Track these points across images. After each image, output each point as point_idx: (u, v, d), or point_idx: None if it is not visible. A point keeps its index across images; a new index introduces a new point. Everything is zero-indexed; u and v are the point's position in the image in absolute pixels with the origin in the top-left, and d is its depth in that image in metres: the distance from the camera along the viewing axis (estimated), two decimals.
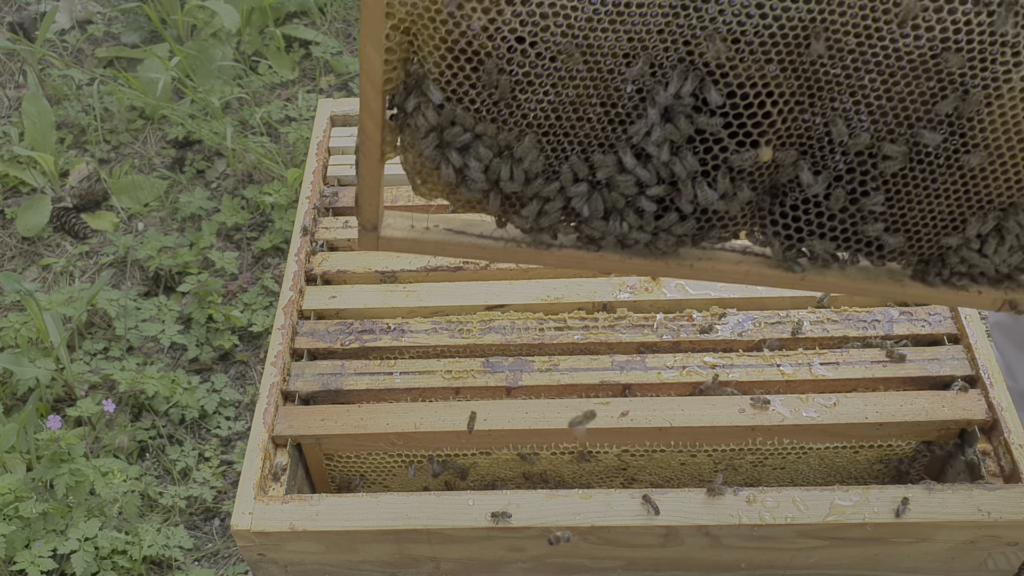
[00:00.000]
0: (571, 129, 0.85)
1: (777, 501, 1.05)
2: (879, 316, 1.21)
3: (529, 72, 0.82)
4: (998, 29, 0.78)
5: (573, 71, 0.81)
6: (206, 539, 1.94)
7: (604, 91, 0.83)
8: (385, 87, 0.82)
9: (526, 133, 0.86)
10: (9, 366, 2.02)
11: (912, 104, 0.84)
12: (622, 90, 0.83)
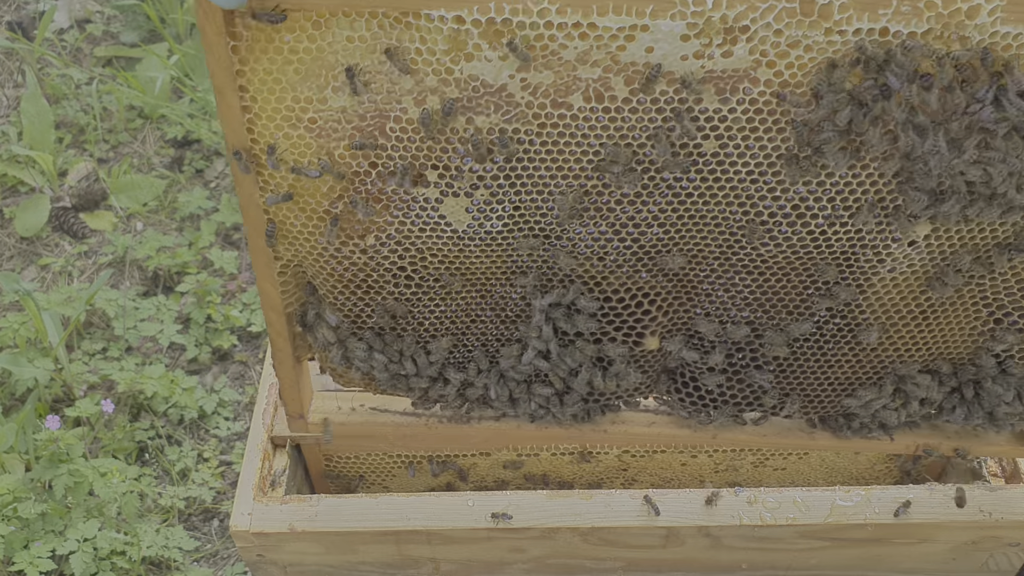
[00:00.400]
0: (467, 330, 0.91)
1: (778, 502, 1.04)
2: None
3: (417, 292, 0.88)
4: (855, 225, 0.81)
5: (457, 289, 0.87)
6: (205, 540, 1.94)
7: (492, 300, 0.88)
8: (287, 310, 0.88)
9: (424, 339, 0.93)
10: (8, 366, 2.02)
11: (788, 298, 0.88)
12: (508, 297, 0.89)
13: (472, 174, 0.79)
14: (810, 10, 0.68)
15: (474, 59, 0.72)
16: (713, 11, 0.67)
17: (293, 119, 0.76)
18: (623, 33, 0.69)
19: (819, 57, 0.70)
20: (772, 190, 0.79)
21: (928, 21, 0.68)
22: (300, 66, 0.73)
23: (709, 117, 0.74)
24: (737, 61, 0.71)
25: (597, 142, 0.75)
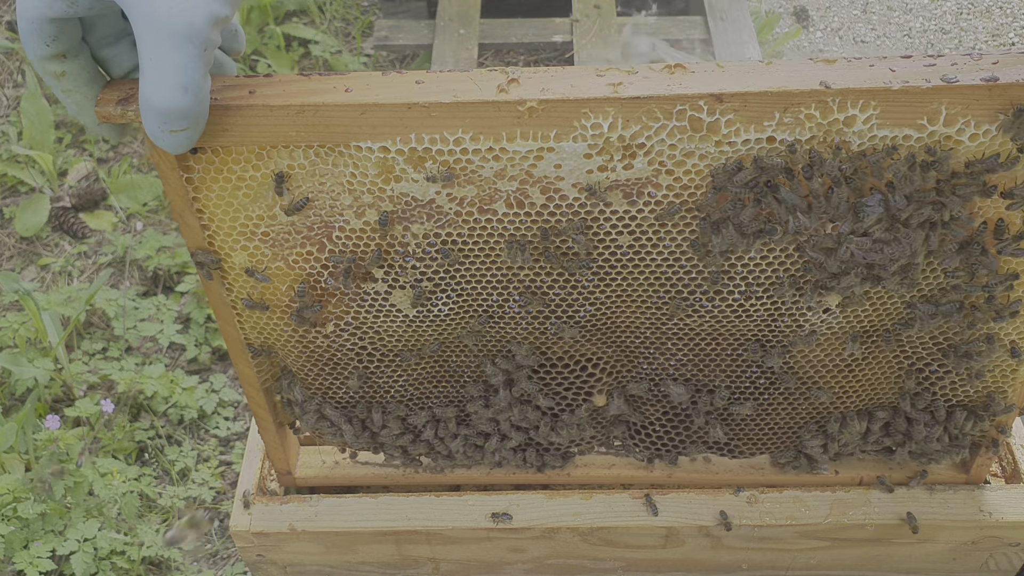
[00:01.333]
0: (428, 394, 1.00)
1: (778, 502, 1.04)
2: None
3: (379, 366, 0.96)
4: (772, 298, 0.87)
5: (415, 363, 0.96)
6: (205, 540, 1.94)
7: (448, 368, 0.97)
8: (264, 386, 0.97)
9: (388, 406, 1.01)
10: (8, 366, 2.02)
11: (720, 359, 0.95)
12: (464, 365, 0.97)
13: (414, 269, 0.87)
14: (699, 126, 0.74)
15: (403, 180, 0.79)
16: (610, 133, 0.75)
17: (248, 233, 0.84)
18: (532, 154, 0.77)
19: (713, 163, 0.77)
20: (688, 272, 0.85)
21: (809, 130, 0.74)
22: (248, 190, 0.81)
23: (620, 217, 0.81)
24: (638, 172, 0.78)
25: (524, 239, 0.83)
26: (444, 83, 0.74)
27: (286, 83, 0.75)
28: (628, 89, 0.74)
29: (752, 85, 0.73)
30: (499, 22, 2.84)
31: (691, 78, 0.74)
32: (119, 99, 0.72)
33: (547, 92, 0.74)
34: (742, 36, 2.68)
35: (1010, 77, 0.72)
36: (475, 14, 2.78)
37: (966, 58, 0.74)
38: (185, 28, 0.62)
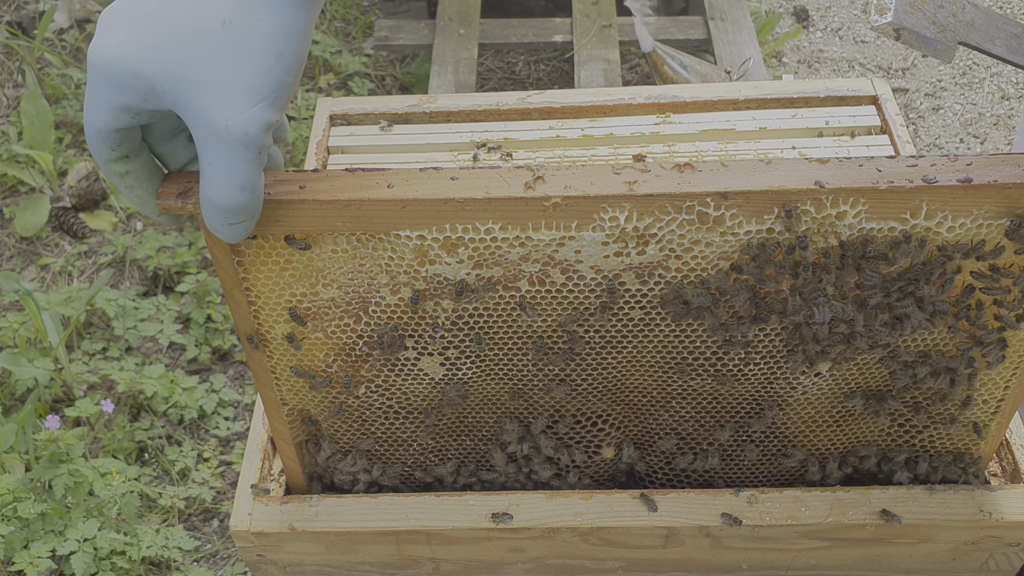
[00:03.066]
0: (450, 446, 1.08)
1: (778, 502, 1.04)
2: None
3: (404, 423, 1.04)
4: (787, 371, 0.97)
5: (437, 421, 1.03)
6: (205, 540, 1.94)
7: (468, 424, 1.04)
8: (295, 440, 1.04)
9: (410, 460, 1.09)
10: (8, 366, 2.02)
11: (720, 415, 1.04)
12: (483, 422, 1.05)
13: (442, 340, 0.94)
14: (706, 219, 0.83)
15: (436, 263, 0.87)
16: (626, 224, 0.83)
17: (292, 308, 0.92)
18: (555, 242, 0.85)
19: (718, 250, 0.86)
20: (692, 341, 0.95)
21: (805, 223, 0.83)
22: (294, 271, 0.88)
23: (633, 294, 0.90)
24: (651, 257, 0.87)
25: (546, 311, 0.92)
26: (476, 179, 0.82)
27: (333, 178, 0.81)
28: (642, 187, 0.81)
29: (754, 184, 0.81)
30: (499, 22, 2.84)
31: (698, 176, 0.81)
32: (179, 192, 0.78)
33: (570, 189, 0.81)
34: (742, 36, 2.69)
35: (982, 179, 0.80)
36: (475, 14, 2.78)
37: (944, 159, 0.82)
38: (242, 137, 0.69)
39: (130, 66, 0.68)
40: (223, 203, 0.72)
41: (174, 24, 0.67)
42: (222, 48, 0.67)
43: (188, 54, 0.67)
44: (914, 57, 3.14)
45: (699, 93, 1.40)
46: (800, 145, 1.32)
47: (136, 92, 0.69)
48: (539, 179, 0.81)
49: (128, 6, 0.69)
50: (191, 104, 0.68)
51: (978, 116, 2.92)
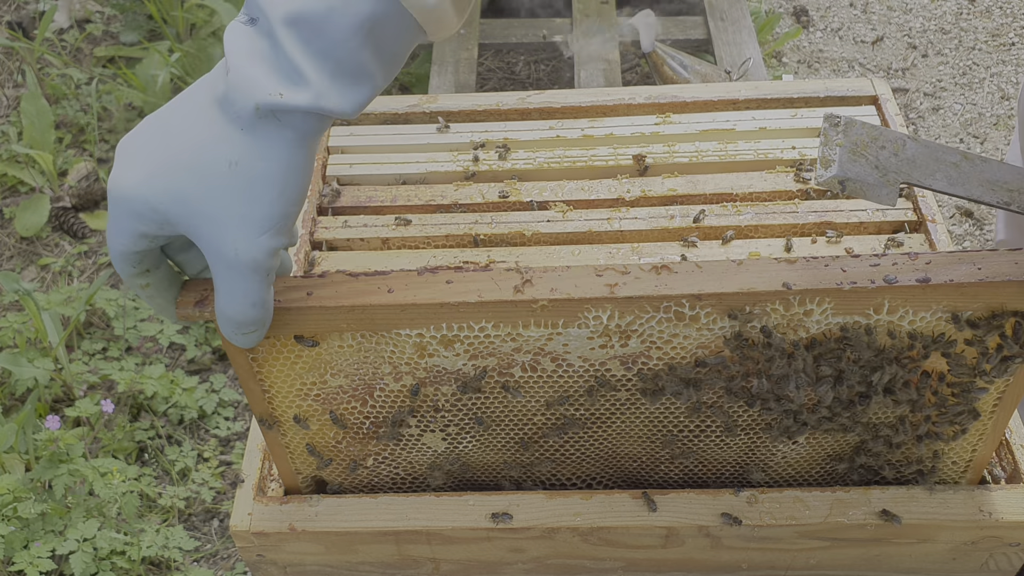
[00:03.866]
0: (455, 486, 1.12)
1: (778, 502, 1.04)
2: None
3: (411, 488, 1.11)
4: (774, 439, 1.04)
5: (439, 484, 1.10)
6: (205, 540, 1.94)
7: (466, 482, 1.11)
8: (304, 487, 1.10)
9: None
10: (8, 366, 2.02)
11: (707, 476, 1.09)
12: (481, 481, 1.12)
13: (443, 419, 1.02)
14: (683, 317, 0.89)
15: (435, 356, 0.94)
16: (609, 322, 0.89)
17: (303, 394, 0.98)
18: (544, 337, 0.92)
19: (696, 341, 0.92)
20: (676, 416, 1.01)
21: (775, 318, 0.89)
22: (304, 364, 0.95)
23: (619, 379, 0.97)
24: (633, 349, 0.93)
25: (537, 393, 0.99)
26: (470, 283, 0.88)
27: (337, 284, 0.88)
28: (622, 290, 0.87)
29: (725, 286, 0.87)
30: (499, 22, 2.84)
31: (675, 278, 0.87)
32: (196, 301, 0.84)
33: (555, 292, 0.87)
34: (742, 36, 2.69)
35: (939, 278, 0.85)
36: (475, 14, 2.78)
37: (904, 258, 0.86)
38: (251, 263, 0.75)
39: (147, 200, 0.74)
40: (236, 318, 0.79)
41: (185, 162, 0.73)
42: (230, 187, 0.73)
43: (199, 192, 0.73)
44: (914, 57, 3.14)
45: (699, 93, 1.39)
46: (800, 145, 1.32)
47: (153, 222, 0.75)
48: (527, 282, 0.88)
49: (142, 141, 0.75)
50: (204, 234, 0.74)
51: (978, 116, 2.92)
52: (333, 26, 0.70)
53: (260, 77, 0.71)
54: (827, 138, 0.84)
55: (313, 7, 0.70)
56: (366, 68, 0.73)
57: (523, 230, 1.23)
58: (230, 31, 0.72)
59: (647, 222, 1.25)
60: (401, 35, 0.74)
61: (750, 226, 1.23)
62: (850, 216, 1.24)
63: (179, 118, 0.75)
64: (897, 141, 0.85)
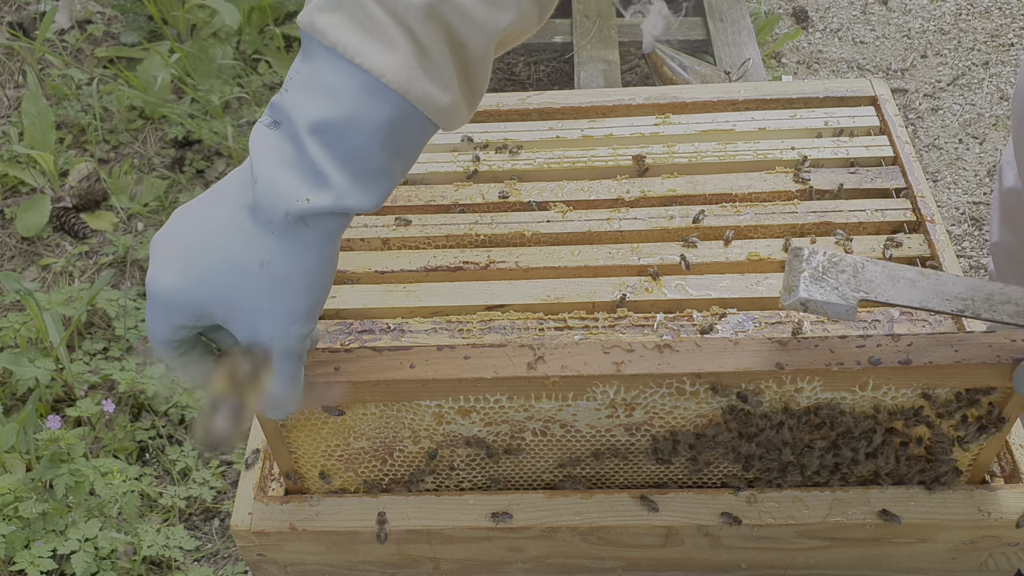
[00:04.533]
0: None
1: (777, 501, 1.05)
2: (879, 316, 1.21)
3: None
4: None
5: None
6: (206, 539, 1.94)
7: None
8: None
9: None
10: (9, 366, 2.02)
11: None
12: None
13: (458, 476, 1.07)
14: (683, 392, 0.96)
15: (452, 424, 1.00)
16: (615, 396, 0.96)
17: (327, 455, 1.04)
18: (555, 408, 0.98)
19: (695, 412, 0.98)
20: (675, 471, 1.08)
21: (768, 395, 0.96)
22: (330, 430, 1.01)
23: (623, 444, 1.03)
24: (637, 419, 0.99)
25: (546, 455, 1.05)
26: (486, 359, 0.94)
27: (363, 359, 0.94)
28: (628, 368, 0.93)
29: (723, 366, 0.93)
30: None
31: (676, 357, 0.94)
32: None
33: (566, 369, 0.94)
34: (741, 37, 2.69)
35: (919, 360, 0.92)
36: None
37: (888, 339, 0.93)
38: (284, 350, 0.82)
39: (184, 296, 0.79)
40: (272, 396, 0.85)
41: (219, 260, 0.78)
42: (262, 285, 0.78)
43: (233, 288, 0.78)
44: (913, 58, 3.14)
45: (698, 94, 1.40)
46: (799, 146, 1.32)
47: (190, 315, 0.80)
48: (539, 359, 0.94)
49: (176, 239, 0.81)
50: (240, 326, 0.80)
51: (977, 116, 2.92)
52: (354, 132, 0.75)
53: (287, 184, 0.75)
54: (791, 267, 0.92)
55: (335, 115, 0.74)
56: (386, 166, 0.78)
57: (523, 230, 1.24)
58: (255, 135, 0.77)
59: (647, 222, 1.25)
60: (418, 133, 0.79)
61: (749, 226, 1.24)
62: (849, 216, 1.24)
63: (211, 219, 0.79)
64: (855, 264, 0.92)
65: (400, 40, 0.74)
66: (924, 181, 1.27)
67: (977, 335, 0.94)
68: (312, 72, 0.75)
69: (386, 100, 0.75)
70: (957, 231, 2.62)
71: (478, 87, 0.82)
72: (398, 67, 0.74)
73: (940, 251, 1.21)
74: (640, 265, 1.22)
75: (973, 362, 0.92)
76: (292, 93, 0.76)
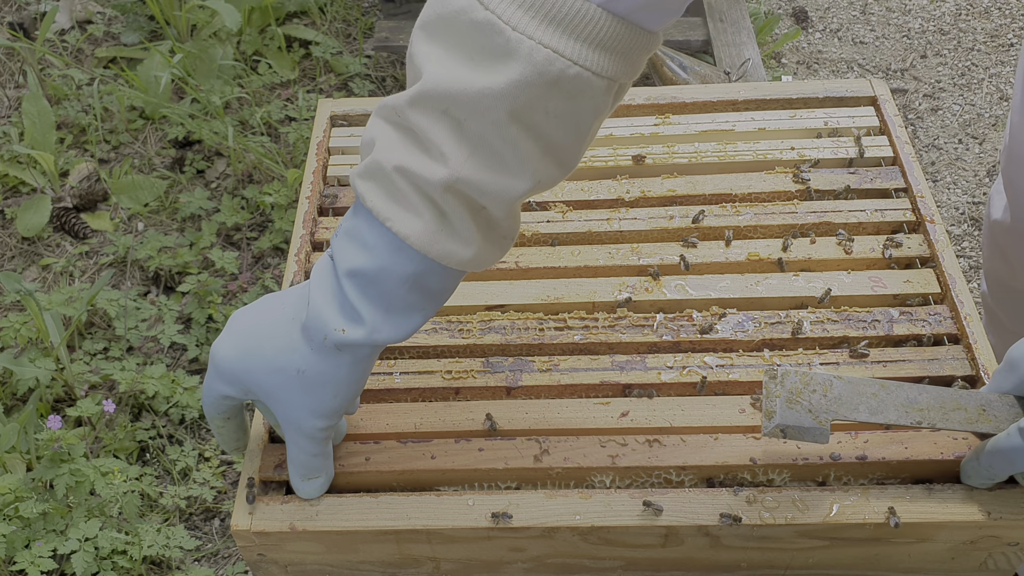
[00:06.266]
0: None
1: (777, 501, 1.05)
2: (879, 316, 1.21)
3: None
4: None
5: None
6: (206, 539, 1.94)
7: None
8: None
9: None
10: (9, 366, 2.02)
11: None
12: None
13: None
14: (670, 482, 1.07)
15: None
16: (611, 485, 1.07)
17: None
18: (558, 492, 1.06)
19: None
20: None
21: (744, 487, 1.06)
22: None
23: None
24: None
25: None
26: (498, 451, 1.05)
27: (390, 451, 1.07)
28: (622, 460, 1.05)
29: (704, 460, 1.04)
30: None
31: (664, 451, 1.05)
32: (275, 465, 1.06)
33: (568, 461, 1.04)
34: (741, 37, 2.69)
35: (874, 455, 1.03)
36: None
37: (848, 437, 1.05)
38: (311, 434, 0.96)
39: (236, 376, 0.94)
40: (300, 459, 0.99)
41: (268, 358, 0.92)
42: (297, 387, 0.92)
43: (274, 384, 0.93)
44: (913, 58, 3.14)
45: (698, 94, 1.40)
46: (799, 146, 1.33)
47: (238, 390, 0.95)
48: (544, 452, 1.06)
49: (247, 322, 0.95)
50: (276, 409, 0.95)
51: (977, 117, 2.92)
52: (384, 280, 0.85)
53: (329, 316, 0.88)
54: (768, 391, 0.99)
55: (367, 265, 0.85)
56: (415, 306, 0.88)
57: (523, 230, 1.24)
58: (319, 264, 0.90)
59: (646, 222, 1.25)
60: (443, 279, 0.89)
61: (749, 226, 1.24)
62: (849, 216, 1.24)
63: (271, 321, 0.93)
64: (825, 382, 0.99)
65: (423, 209, 0.82)
66: (924, 181, 1.27)
67: (925, 434, 1.05)
68: (355, 226, 0.86)
69: (411, 257, 0.84)
70: (957, 231, 2.62)
71: (508, 234, 0.90)
72: (420, 232, 0.83)
73: (940, 251, 1.22)
74: (640, 265, 1.22)
75: (920, 458, 1.04)
76: (340, 240, 0.88)
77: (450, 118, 0.80)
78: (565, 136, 0.83)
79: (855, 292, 1.22)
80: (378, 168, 0.83)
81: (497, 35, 0.77)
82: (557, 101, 0.80)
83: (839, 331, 1.20)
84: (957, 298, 1.19)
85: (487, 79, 0.78)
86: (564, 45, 0.77)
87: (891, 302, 1.23)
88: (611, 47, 0.79)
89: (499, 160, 0.81)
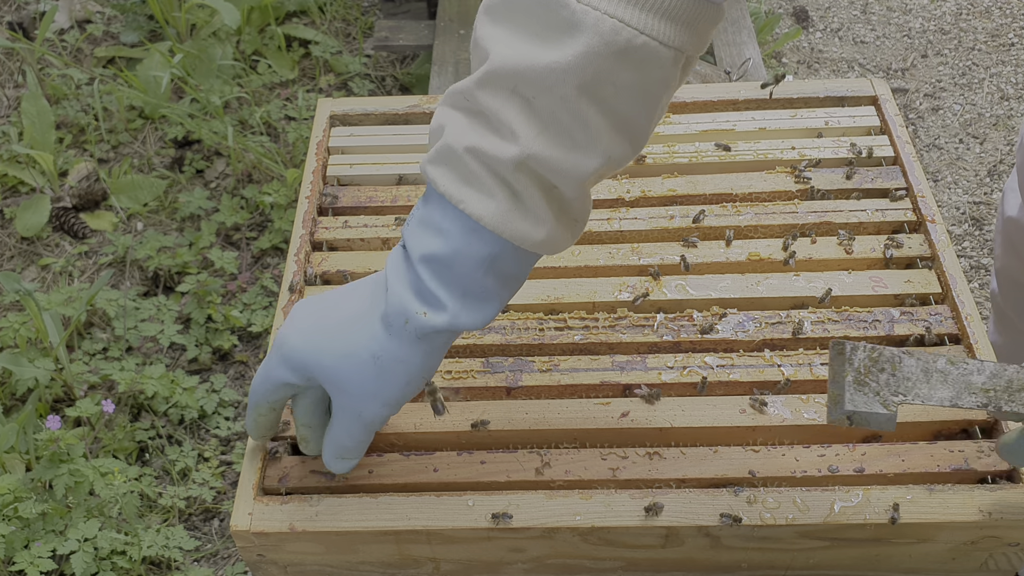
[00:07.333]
0: None
1: (778, 502, 1.05)
2: (880, 316, 1.21)
3: None
4: None
5: None
6: (205, 539, 1.94)
7: None
8: None
9: None
10: (8, 366, 2.02)
11: None
12: None
13: None
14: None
15: None
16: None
17: None
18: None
19: None
20: None
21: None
22: None
23: None
24: None
25: None
26: (500, 465, 1.06)
27: (392, 463, 1.08)
28: (622, 473, 1.05)
29: (704, 472, 1.04)
30: None
31: (664, 463, 1.05)
32: (279, 478, 1.08)
33: (569, 474, 1.04)
34: (741, 36, 2.69)
35: (872, 468, 1.04)
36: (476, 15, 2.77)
37: (845, 450, 1.05)
38: (370, 423, 0.96)
39: (305, 362, 0.93)
40: (345, 444, 0.99)
41: (342, 346, 0.92)
42: (370, 374, 0.91)
43: (345, 370, 0.92)
44: (913, 58, 3.14)
45: (699, 93, 1.40)
46: (799, 145, 1.32)
47: (301, 377, 0.94)
48: (546, 464, 1.06)
49: (315, 311, 0.95)
50: (340, 397, 0.94)
51: (977, 116, 2.92)
52: (459, 264, 0.85)
53: (410, 302, 0.88)
54: (834, 369, 0.92)
55: (442, 250, 0.85)
56: (491, 291, 0.88)
57: None
58: (392, 256, 0.90)
59: (647, 222, 1.25)
60: (518, 262, 0.88)
61: (750, 226, 1.24)
62: (849, 216, 1.24)
63: (347, 311, 0.93)
64: (893, 360, 0.92)
65: (496, 189, 0.82)
66: (924, 181, 1.27)
67: (922, 446, 1.06)
68: (427, 213, 0.86)
69: (485, 239, 0.84)
70: (957, 231, 2.62)
71: (579, 217, 0.89)
72: (494, 212, 0.83)
73: (940, 251, 1.21)
74: (640, 265, 1.22)
75: (918, 471, 1.04)
76: (412, 227, 0.88)
77: (519, 96, 0.79)
78: (634, 110, 0.83)
79: (856, 292, 1.22)
80: (449, 151, 0.83)
81: (562, 8, 0.77)
82: (625, 73, 0.79)
83: (840, 331, 1.20)
84: (958, 298, 1.19)
85: (554, 54, 0.77)
86: (630, 15, 0.77)
87: (892, 302, 1.23)
88: (677, 17, 0.79)
89: (569, 136, 0.81)
